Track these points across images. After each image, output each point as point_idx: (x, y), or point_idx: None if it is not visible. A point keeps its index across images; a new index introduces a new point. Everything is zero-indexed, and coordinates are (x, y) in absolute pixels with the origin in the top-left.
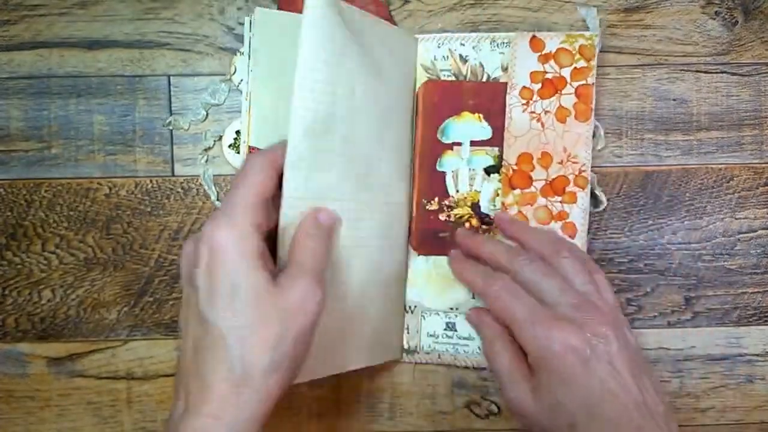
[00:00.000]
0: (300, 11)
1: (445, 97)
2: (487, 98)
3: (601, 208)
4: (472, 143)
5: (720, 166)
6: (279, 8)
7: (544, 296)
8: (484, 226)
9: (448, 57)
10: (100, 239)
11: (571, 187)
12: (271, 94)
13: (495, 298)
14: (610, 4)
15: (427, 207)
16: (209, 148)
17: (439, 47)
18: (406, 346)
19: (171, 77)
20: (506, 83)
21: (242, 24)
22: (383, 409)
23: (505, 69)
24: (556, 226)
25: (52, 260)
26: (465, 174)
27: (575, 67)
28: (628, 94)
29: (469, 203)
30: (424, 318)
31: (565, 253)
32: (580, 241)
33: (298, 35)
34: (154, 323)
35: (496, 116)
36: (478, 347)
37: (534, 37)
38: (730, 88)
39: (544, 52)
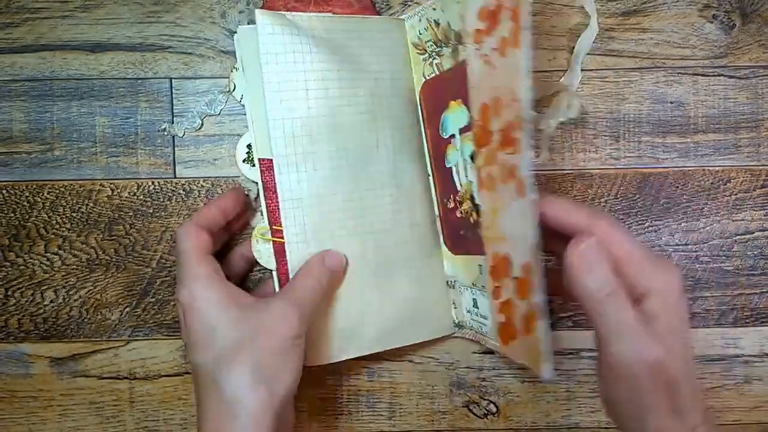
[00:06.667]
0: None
1: (435, 93)
2: (457, 81)
3: (572, 116)
4: (461, 131)
5: (717, 168)
6: (263, 7)
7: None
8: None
9: (427, 28)
10: (102, 240)
11: (515, 132)
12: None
13: (610, 229)
14: (607, 7)
15: (448, 206)
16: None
17: (420, 21)
18: (456, 320)
19: (173, 80)
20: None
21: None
22: (383, 409)
23: (463, 19)
24: (510, 187)
25: (55, 261)
26: (462, 165)
27: None
28: (625, 97)
29: (469, 195)
30: (461, 293)
31: None
32: (530, 201)
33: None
34: (156, 324)
35: (465, 97)
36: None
37: None
38: (728, 90)
39: None
